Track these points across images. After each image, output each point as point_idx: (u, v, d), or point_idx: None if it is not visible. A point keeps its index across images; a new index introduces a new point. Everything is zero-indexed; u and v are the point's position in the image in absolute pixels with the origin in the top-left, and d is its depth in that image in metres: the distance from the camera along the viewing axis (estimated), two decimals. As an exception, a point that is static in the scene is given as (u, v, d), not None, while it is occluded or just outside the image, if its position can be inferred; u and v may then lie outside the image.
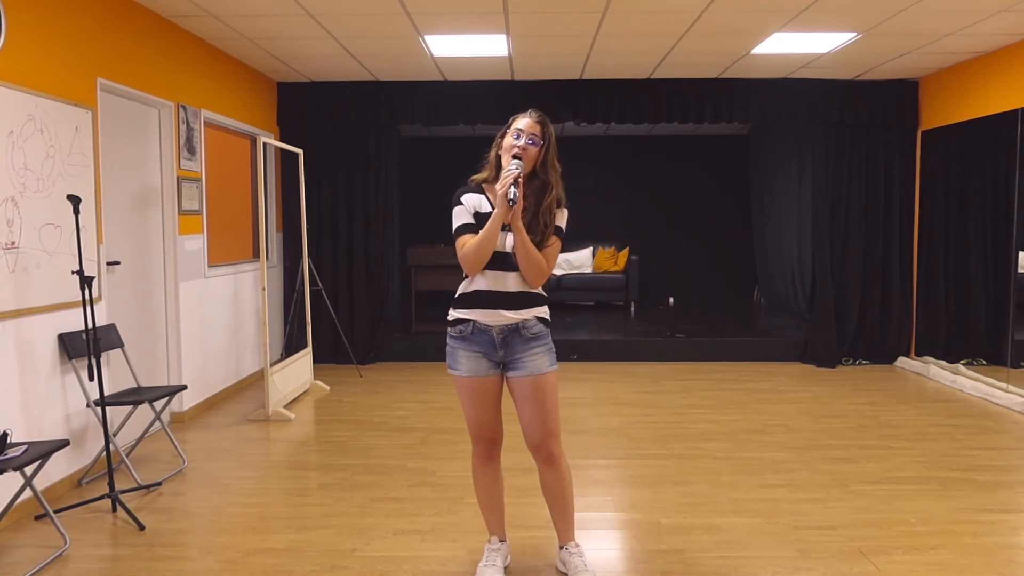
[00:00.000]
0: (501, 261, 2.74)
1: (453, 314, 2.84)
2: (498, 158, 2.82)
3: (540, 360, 2.79)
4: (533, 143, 2.73)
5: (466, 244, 2.73)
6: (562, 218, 2.84)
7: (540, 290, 2.84)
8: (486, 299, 2.76)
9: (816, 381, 6.58)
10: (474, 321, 2.77)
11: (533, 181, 2.78)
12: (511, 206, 2.62)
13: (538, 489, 2.95)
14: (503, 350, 2.78)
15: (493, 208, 2.72)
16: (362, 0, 4.71)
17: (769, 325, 8.66)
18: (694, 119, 7.26)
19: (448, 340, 2.85)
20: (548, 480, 2.90)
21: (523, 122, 2.75)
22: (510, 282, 2.75)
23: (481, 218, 2.75)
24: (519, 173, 2.66)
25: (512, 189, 2.61)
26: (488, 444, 2.90)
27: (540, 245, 2.74)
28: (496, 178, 2.80)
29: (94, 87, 4.27)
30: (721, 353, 7.45)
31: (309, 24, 5.20)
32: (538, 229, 2.75)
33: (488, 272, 2.75)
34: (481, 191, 2.84)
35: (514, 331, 2.77)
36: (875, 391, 6.18)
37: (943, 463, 4.32)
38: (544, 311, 2.85)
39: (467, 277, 2.82)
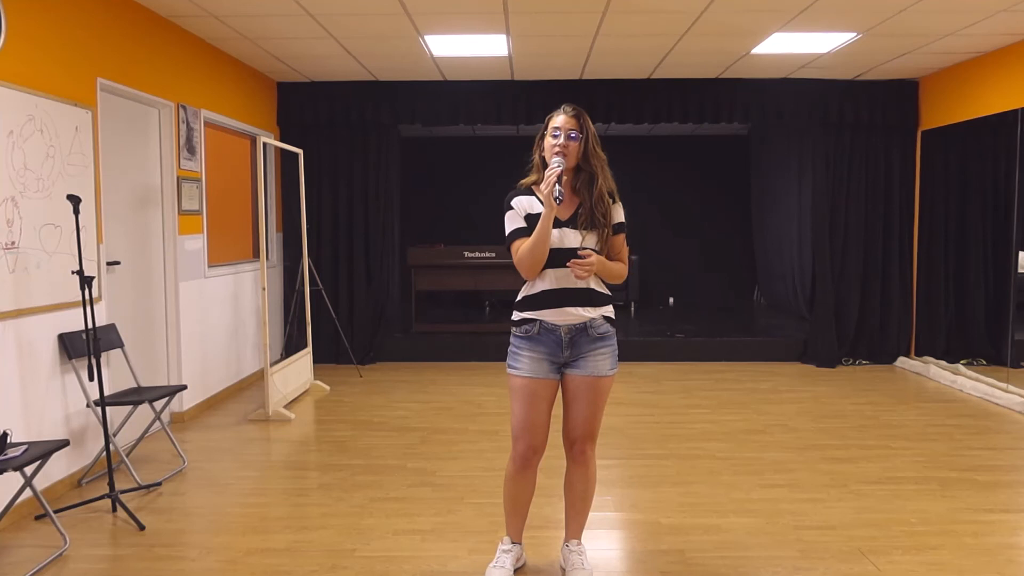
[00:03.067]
0: (562, 258, 2.72)
1: (518, 315, 2.83)
2: (543, 159, 2.82)
3: (603, 362, 2.79)
4: (573, 138, 2.73)
5: (520, 248, 2.73)
6: (620, 213, 2.84)
7: (605, 288, 2.84)
8: (552, 298, 2.75)
9: (816, 381, 6.58)
10: (541, 321, 2.76)
11: (580, 175, 2.78)
12: (557, 204, 2.63)
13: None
14: (569, 350, 2.77)
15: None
16: (362, 0, 4.72)
17: (769, 325, 8.67)
18: (694, 119, 7.26)
19: (512, 340, 2.83)
20: (574, 478, 2.90)
21: (559, 119, 2.75)
22: (574, 278, 2.74)
23: (533, 220, 2.74)
24: (561, 171, 2.67)
25: (557, 187, 2.62)
26: (529, 451, 2.82)
27: (607, 238, 2.76)
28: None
29: (94, 87, 4.27)
30: (721, 353, 7.45)
31: (309, 24, 5.20)
32: (598, 221, 2.74)
33: (550, 271, 2.74)
34: (531, 193, 2.83)
35: (581, 330, 2.76)
36: (875, 391, 6.18)
37: (943, 463, 4.32)
38: (610, 310, 2.84)
39: (527, 281, 2.82)
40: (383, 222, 7.39)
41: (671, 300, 8.04)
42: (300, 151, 6.25)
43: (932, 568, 3.02)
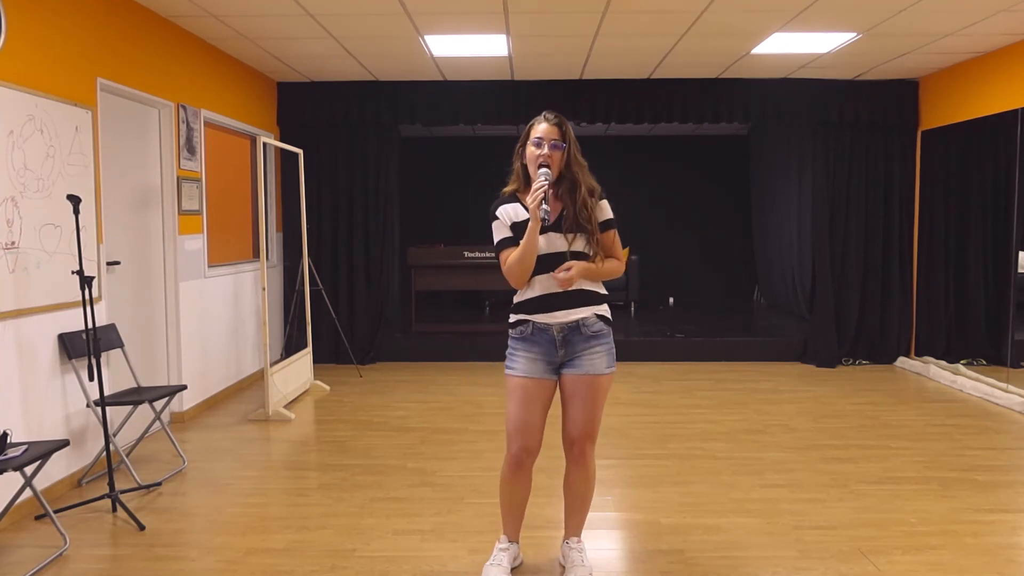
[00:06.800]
0: (550, 264, 2.72)
1: (513, 317, 2.83)
2: (523, 168, 2.81)
3: (599, 360, 2.78)
4: (556, 147, 2.73)
5: (508, 259, 2.73)
6: (607, 210, 2.82)
7: (599, 287, 2.83)
8: (543, 303, 2.75)
9: (816, 381, 6.58)
10: (533, 321, 2.77)
11: (562, 182, 2.77)
12: (544, 223, 2.64)
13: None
14: (563, 349, 2.77)
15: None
16: (362, 0, 4.72)
17: (769, 325, 8.66)
18: (694, 119, 7.26)
19: (509, 342, 2.85)
20: (574, 478, 2.90)
21: (541, 128, 2.74)
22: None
23: (518, 228, 2.74)
24: (548, 186, 2.66)
25: (544, 207, 2.62)
26: (523, 453, 2.81)
27: (595, 239, 2.74)
28: (526, 187, 2.79)
29: (94, 87, 4.27)
30: (721, 353, 7.45)
31: (309, 24, 5.21)
32: (584, 226, 2.74)
33: (539, 277, 2.74)
34: (515, 199, 2.83)
35: (574, 329, 2.76)
36: (875, 391, 6.18)
37: (943, 463, 4.32)
38: (604, 309, 2.83)
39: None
40: (383, 222, 7.39)
41: (671, 300, 8.04)
42: (300, 151, 6.25)
43: (932, 568, 3.02)
